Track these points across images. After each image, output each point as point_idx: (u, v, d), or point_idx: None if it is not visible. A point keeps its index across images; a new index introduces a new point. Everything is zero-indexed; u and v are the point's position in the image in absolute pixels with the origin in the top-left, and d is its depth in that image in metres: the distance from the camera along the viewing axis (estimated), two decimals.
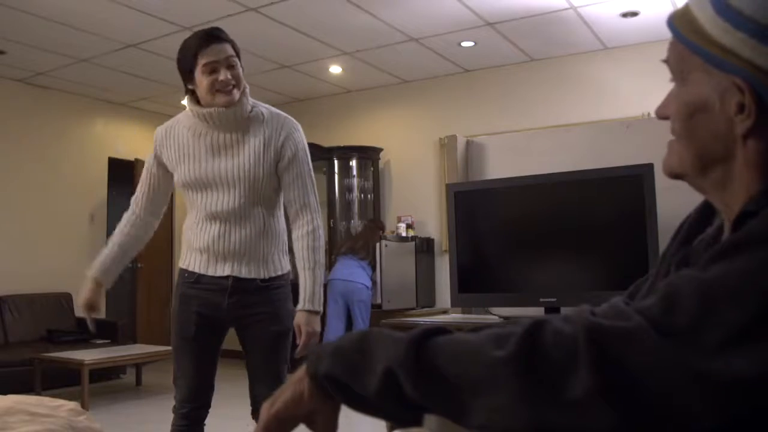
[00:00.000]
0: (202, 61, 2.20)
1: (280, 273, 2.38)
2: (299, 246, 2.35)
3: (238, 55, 2.26)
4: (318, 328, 2.32)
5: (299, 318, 2.31)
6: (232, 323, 2.37)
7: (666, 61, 0.80)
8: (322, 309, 2.35)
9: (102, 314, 2.46)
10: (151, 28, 5.27)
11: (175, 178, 2.36)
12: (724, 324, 0.59)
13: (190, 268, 2.35)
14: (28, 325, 6.24)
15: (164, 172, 2.41)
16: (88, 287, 2.38)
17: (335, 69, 6.57)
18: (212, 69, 2.20)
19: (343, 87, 7.20)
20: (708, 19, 0.73)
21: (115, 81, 6.67)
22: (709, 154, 0.76)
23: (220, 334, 2.39)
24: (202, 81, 2.22)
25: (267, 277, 2.34)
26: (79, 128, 7.25)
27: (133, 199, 2.48)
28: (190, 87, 2.28)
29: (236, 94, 2.24)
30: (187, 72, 2.25)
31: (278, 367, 2.37)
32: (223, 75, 2.20)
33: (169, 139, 2.36)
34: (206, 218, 2.32)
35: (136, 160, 7.06)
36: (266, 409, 0.78)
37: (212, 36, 2.22)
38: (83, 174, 7.13)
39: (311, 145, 8.19)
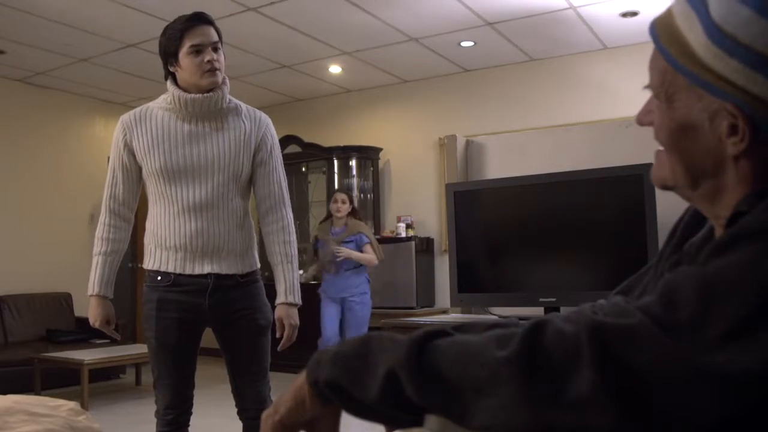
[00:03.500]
0: (188, 43, 2.20)
1: (255, 268, 2.36)
2: (274, 240, 2.32)
3: (221, 40, 2.27)
4: (298, 320, 2.31)
5: (280, 311, 2.28)
6: (212, 323, 2.30)
7: (649, 73, 0.79)
8: (301, 302, 2.32)
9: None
10: (151, 28, 5.26)
11: (146, 167, 2.26)
12: (725, 317, 0.59)
13: (164, 269, 2.24)
14: (28, 325, 6.24)
15: (135, 162, 2.28)
16: (96, 306, 2.26)
17: (335, 69, 6.57)
18: (198, 50, 2.20)
19: (342, 87, 7.19)
20: (700, 44, 0.72)
21: (115, 81, 6.66)
22: (699, 168, 0.76)
23: (199, 335, 2.33)
24: (188, 63, 2.21)
25: (245, 272, 2.30)
26: (79, 128, 7.25)
27: (107, 199, 2.31)
28: (170, 70, 2.27)
29: (220, 76, 2.25)
30: (171, 54, 2.24)
31: (264, 362, 2.33)
32: (209, 56, 2.21)
33: (141, 126, 2.26)
34: (181, 212, 2.23)
35: None
36: (269, 417, 0.78)
37: (198, 18, 2.24)
38: (83, 174, 7.12)
39: (311, 145, 8.09)
